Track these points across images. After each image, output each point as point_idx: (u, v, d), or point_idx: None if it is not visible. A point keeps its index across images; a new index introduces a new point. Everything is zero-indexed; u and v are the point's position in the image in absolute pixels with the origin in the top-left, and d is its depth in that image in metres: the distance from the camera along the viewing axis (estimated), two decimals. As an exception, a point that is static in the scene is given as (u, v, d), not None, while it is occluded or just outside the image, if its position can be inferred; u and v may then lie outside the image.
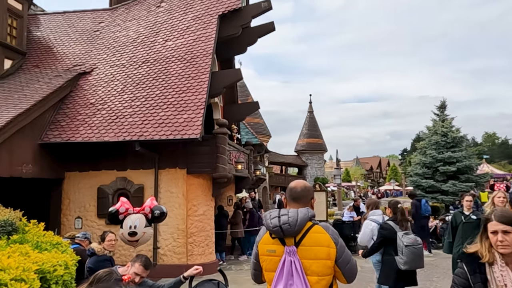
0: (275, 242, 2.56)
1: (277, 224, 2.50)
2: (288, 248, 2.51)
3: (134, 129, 9.88)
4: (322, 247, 2.51)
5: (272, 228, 2.53)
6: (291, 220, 2.48)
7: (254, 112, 16.21)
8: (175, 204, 10.40)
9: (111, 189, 10.63)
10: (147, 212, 6.08)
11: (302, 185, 2.74)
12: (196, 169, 10.45)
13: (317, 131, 34.39)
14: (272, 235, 2.57)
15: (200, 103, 10.12)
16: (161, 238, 10.38)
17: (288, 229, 2.48)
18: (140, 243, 5.92)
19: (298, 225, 2.49)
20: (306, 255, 2.50)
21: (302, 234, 2.52)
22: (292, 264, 2.47)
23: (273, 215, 2.58)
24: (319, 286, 2.49)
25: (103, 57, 12.12)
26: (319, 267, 2.49)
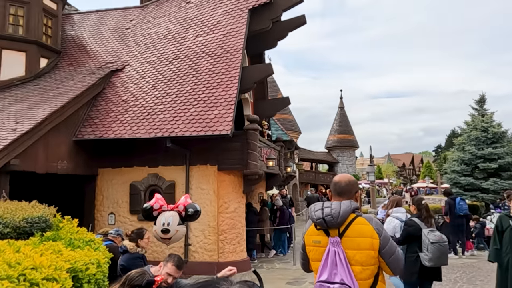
0: (319, 233, 2.67)
1: (320, 216, 2.60)
2: (332, 239, 2.60)
3: (165, 125, 9.86)
4: (365, 238, 2.57)
5: (316, 220, 2.63)
6: (334, 212, 2.57)
7: (284, 107, 15.95)
8: (206, 201, 10.32)
9: (143, 185, 10.68)
10: (181, 210, 5.99)
11: (346, 179, 2.79)
12: (227, 165, 10.32)
13: (348, 127, 33.71)
14: (317, 226, 2.68)
15: (230, 99, 9.97)
16: (192, 235, 10.33)
17: (331, 220, 2.57)
18: (172, 241, 5.83)
19: (341, 217, 2.56)
20: (350, 246, 2.57)
21: (346, 226, 2.59)
22: (336, 254, 2.56)
23: (316, 207, 2.68)
24: (363, 276, 2.55)
25: (135, 54, 12.19)
26: (362, 257, 2.56)
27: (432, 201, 28.80)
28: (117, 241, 6.65)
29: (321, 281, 2.59)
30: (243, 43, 11.03)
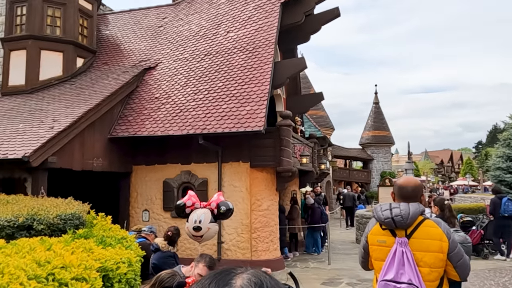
0: (385, 233, 2.69)
1: (389, 216, 2.62)
2: (400, 239, 2.61)
3: (197, 122, 9.80)
4: (435, 240, 2.59)
5: (383, 220, 2.65)
6: (403, 213, 2.59)
7: (317, 103, 15.60)
8: (238, 199, 10.20)
9: (176, 182, 10.69)
10: (213, 208, 5.87)
11: (413, 184, 2.79)
12: (259, 162, 10.15)
13: (384, 123, 32.72)
14: (382, 226, 2.70)
15: (263, 95, 9.78)
16: (225, 232, 10.24)
17: (400, 221, 2.59)
18: (204, 239, 5.72)
19: (410, 218, 2.59)
20: (418, 247, 2.59)
21: (414, 227, 2.62)
22: (403, 254, 2.57)
23: (384, 207, 2.71)
24: (431, 277, 2.57)
25: (167, 52, 12.22)
26: (431, 259, 2.57)
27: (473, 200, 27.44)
28: (150, 239, 6.62)
29: (387, 280, 2.60)
30: (275, 37, 10.80)
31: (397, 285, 2.56)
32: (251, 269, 0.83)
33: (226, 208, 5.80)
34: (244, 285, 0.76)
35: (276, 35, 10.88)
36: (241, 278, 0.78)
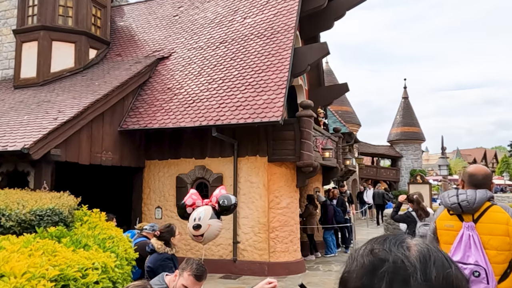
0: (452, 218, 2.83)
1: (456, 202, 2.75)
2: (467, 224, 2.74)
3: (210, 113, 9.14)
4: (501, 224, 2.68)
5: (450, 205, 2.79)
6: (470, 198, 2.71)
7: (342, 95, 14.67)
8: (255, 196, 9.48)
9: (189, 178, 10.08)
10: (214, 203, 5.19)
11: (483, 172, 2.88)
12: (278, 156, 9.39)
13: (413, 118, 31.19)
14: (450, 212, 2.85)
15: (281, 83, 9.01)
16: (241, 232, 9.54)
17: (467, 206, 2.72)
18: (206, 238, 5.02)
19: (477, 203, 2.71)
20: (484, 231, 2.70)
21: (481, 212, 2.73)
22: (470, 237, 2.69)
23: (451, 194, 2.84)
24: (498, 260, 2.66)
25: (181, 41, 11.63)
26: (497, 242, 2.67)
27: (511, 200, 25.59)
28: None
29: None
30: (295, 22, 10.00)
31: (463, 266, 2.63)
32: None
33: (226, 201, 5.10)
34: (416, 245, 0.75)
35: (296, 20, 10.08)
36: (413, 243, 0.76)
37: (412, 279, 0.70)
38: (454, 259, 2.53)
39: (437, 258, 0.74)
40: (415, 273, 0.70)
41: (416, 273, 0.70)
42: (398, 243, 0.76)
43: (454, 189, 2.91)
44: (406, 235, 0.81)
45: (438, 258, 0.74)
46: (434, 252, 0.75)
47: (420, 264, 0.72)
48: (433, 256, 0.74)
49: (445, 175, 12.90)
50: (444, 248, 2.74)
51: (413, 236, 2.52)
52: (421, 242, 0.78)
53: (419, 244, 0.77)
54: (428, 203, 12.17)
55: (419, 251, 0.75)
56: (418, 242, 0.78)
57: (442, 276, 0.71)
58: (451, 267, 0.73)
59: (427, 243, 0.78)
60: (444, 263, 0.73)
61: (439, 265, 0.73)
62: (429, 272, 0.71)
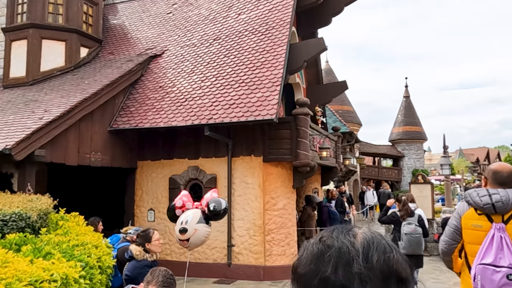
0: (481, 218, 2.72)
1: (489, 202, 2.65)
2: (498, 225, 2.66)
3: (203, 111, 8.81)
4: None
5: (483, 205, 2.67)
6: (504, 199, 2.63)
7: (341, 93, 14.32)
8: (251, 197, 9.15)
9: (182, 179, 9.76)
10: (204, 206, 4.87)
11: (508, 169, 2.77)
12: (274, 156, 9.06)
13: (415, 118, 30.79)
14: (477, 211, 2.74)
15: (276, 79, 8.68)
16: (236, 234, 9.21)
17: (501, 206, 2.64)
18: (192, 243, 4.69)
19: (511, 204, 2.62)
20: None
21: (511, 214, 2.65)
22: (502, 239, 2.62)
23: (482, 193, 2.71)
24: None
25: (174, 38, 11.32)
26: None
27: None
28: (138, 242, 5.67)
29: (485, 263, 2.62)
30: (290, 17, 9.67)
31: (496, 269, 2.58)
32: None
33: (217, 205, 4.78)
34: (362, 233, 0.80)
35: (291, 15, 9.75)
36: (360, 231, 0.81)
37: (355, 262, 0.74)
38: (485, 261, 2.62)
39: (380, 244, 0.78)
40: (357, 257, 0.75)
41: (359, 256, 0.75)
42: (346, 231, 0.81)
43: (480, 188, 2.84)
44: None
45: (381, 244, 0.78)
46: (377, 239, 0.80)
47: (363, 249, 0.76)
48: (376, 242, 0.78)
49: (447, 174, 12.53)
50: (469, 248, 2.78)
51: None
52: (367, 231, 0.82)
53: (365, 233, 0.81)
54: (429, 203, 11.82)
55: (363, 238, 0.79)
56: (364, 231, 0.82)
57: (383, 259, 0.75)
58: (392, 252, 0.77)
59: (373, 232, 0.82)
60: (386, 249, 0.78)
61: (381, 250, 0.77)
62: (371, 255, 0.75)
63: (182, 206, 4.85)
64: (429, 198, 11.84)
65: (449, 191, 13.06)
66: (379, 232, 0.83)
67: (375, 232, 0.81)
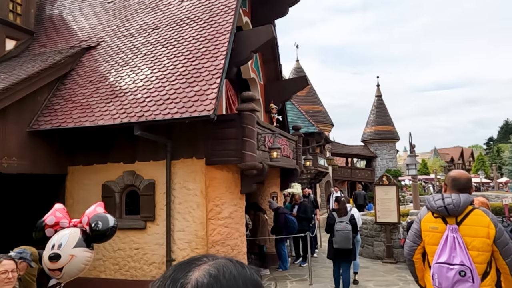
0: (437, 220, 3.01)
1: (442, 205, 2.94)
2: (451, 226, 2.93)
3: (134, 108, 7.71)
4: (483, 227, 2.87)
5: (437, 208, 2.97)
6: (455, 202, 2.91)
7: (302, 89, 13.43)
8: (192, 205, 8.09)
9: (117, 186, 8.62)
10: (85, 225, 3.81)
11: (465, 177, 3.11)
12: (217, 158, 8.04)
13: (387, 117, 30.36)
14: (434, 214, 3.03)
15: (216, 71, 7.66)
16: (176, 248, 8.12)
17: (453, 209, 2.91)
18: (65, 274, 3.61)
19: (461, 206, 2.91)
20: (468, 233, 2.89)
21: (464, 216, 2.93)
22: (455, 239, 2.87)
23: (436, 197, 3.04)
24: (479, 260, 2.84)
25: (112, 29, 10.17)
26: (479, 243, 2.85)
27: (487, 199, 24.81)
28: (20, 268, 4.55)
29: (440, 262, 2.88)
30: (236, 2, 8.68)
31: (450, 267, 2.84)
32: (220, 258, 0.83)
33: (102, 224, 3.73)
34: (199, 278, 0.76)
35: (237, 1, 8.76)
36: (199, 270, 0.78)
37: None
38: (441, 260, 2.86)
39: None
40: None
41: None
42: (180, 277, 0.77)
43: (438, 193, 3.18)
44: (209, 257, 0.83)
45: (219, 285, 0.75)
46: (227, 273, 0.77)
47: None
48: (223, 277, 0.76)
49: (414, 175, 11.76)
50: (429, 249, 3.03)
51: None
52: (216, 265, 0.78)
53: (210, 269, 0.77)
54: (394, 206, 11.00)
55: (196, 281, 0.76)
56: (210, 266, 0.78)
57: None
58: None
59: (226, 263, 0.80)
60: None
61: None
62: None
63: (55, 224, 3.79)
64: (395, 200, 11.03)
65: (416, 192, 12.31)
66: (233, 263, 0.79)
67: (226, 266, 0.77)
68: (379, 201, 11.28)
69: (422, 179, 43.53)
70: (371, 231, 11.59)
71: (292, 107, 23.06)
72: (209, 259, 0.81)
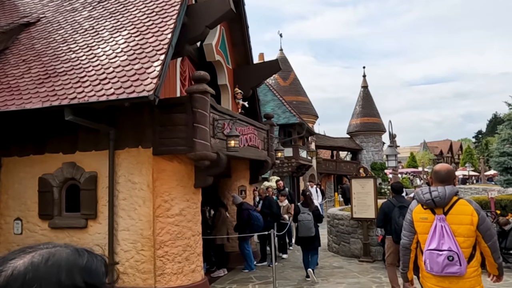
0: (426, 212, 3.30)
1: (430, 198, 3.22)
2: (439, 216, 3.21)
3: (66, 90, 6.69)
4: (467, 215, 3.17)
5: (425, 201, 3.26)
6: (441, 194, 3.20)
7: (274, 74, 12.48)
8: (138, 200, 7.12)
9: (56, 179, 7.61)
10: None
11: (445, 168, 3.40)
12: (166, 147, 7.06)
13: (373, 109, 29.54)
14: (423, 206, 3.31)
15: (161, 47, 6.66)
16: (120, 249, 7.16)
17: (439, 201, 3.20)
18: None
19: (447, 198, 3.19)
20: (454, 221, 3.18)
21: (450, 206, 3.21)
22: (442, 228, 3.17)
23: (424, 191, 3.32)
24: (465, 245, 3.14)
25: (55, 3, 9.09)
26: (464, 230, 3.15)
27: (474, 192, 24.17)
28: None
29: (431, 249, 3.19)
30: (189, -29, 7.65)
31: (439, 253, 3.14)
32: (59, 246, 0.80)
33: None
34: (18, 265, 0.72)
35: (192, -31, 7.74)
36: (24, 258, 0.74)
37: None
38: (431, 247, 3.21)
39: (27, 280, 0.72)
40: None
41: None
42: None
43: (425, 187, 3.49)
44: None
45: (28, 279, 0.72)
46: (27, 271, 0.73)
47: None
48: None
49: (393, 166, 10.89)
50: (421, 238, 3.35)
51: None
52: (29, 260, 0.75)
53: (20, 265, 0.74)
54: (372, 200, 10.13)
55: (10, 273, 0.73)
56: (26, 260, 0.75)
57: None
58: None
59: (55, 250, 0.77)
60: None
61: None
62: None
63: None
64: (372, 194, 10.16)
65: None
66: (70, 251, 0.76)
67: (56, 253, 0.74)
68: (356, 195, 10.41)
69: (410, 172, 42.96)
70: (348, 227, 10.72)
71: (273, 97, 22.12)
72: (45, 246, 0.78)
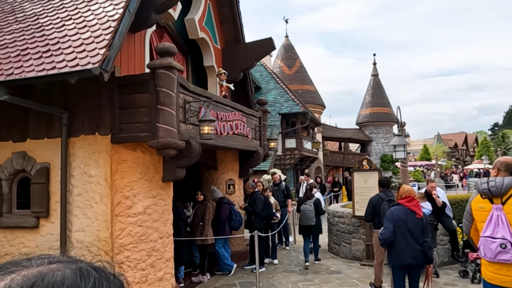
0: (484, 201, 3.54)
1: (486, 188, 3.48)
2: (496, 206, 3.43)
3: (4, 65, 5.60)
4: None
5: (482, 190, 3.52)
6: (498, 184, 3.42)
7: (267, 54, 11.26)
8: (95, 196, 6.05)
9: (5, 171, 6.59)
10: None
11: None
12: (127, 134, 5.97)
13: (384, 98, 28.06)
14: (482, 196, 3.55)
15: (114, 12, 5.53)
16: (74, 253, 6.10)
17: (495, 191, 3.42)
18: None
19: (504, 188, 3.40)
20: (511, 211, 3.34)
21: (509, 196, 3.39)
22: (498, 217, 3.37)
23: (482, 181, 3.58)
24: None
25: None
26: None
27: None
28: None
29: (485, 236, 3.42)
30: None
31: (493, 240, 3.36)
32: (56, 262, 0.65)
33: None
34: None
35: None
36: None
37: None
38: (486, 234, 3.43)
39: None
40: None
41: None
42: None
43: (484, 178, 3.69)
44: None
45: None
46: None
47: None
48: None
49: (402, 158, 9.63)
50: (478, 226, 3.60)
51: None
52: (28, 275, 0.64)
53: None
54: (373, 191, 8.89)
55: None
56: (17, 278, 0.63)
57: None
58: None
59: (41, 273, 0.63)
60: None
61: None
62: None
63: None
64: (376, 190, 8.92)
65: (406, 178, 10.20)
66: (70, 271, 0.61)
67: (46, 276, 0.59)
68: (358, 190, 9.21)
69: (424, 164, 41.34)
70: (349, 226, 9.53)
71: (275, 85, 20.87)
72: (37, 262, 0.63)
